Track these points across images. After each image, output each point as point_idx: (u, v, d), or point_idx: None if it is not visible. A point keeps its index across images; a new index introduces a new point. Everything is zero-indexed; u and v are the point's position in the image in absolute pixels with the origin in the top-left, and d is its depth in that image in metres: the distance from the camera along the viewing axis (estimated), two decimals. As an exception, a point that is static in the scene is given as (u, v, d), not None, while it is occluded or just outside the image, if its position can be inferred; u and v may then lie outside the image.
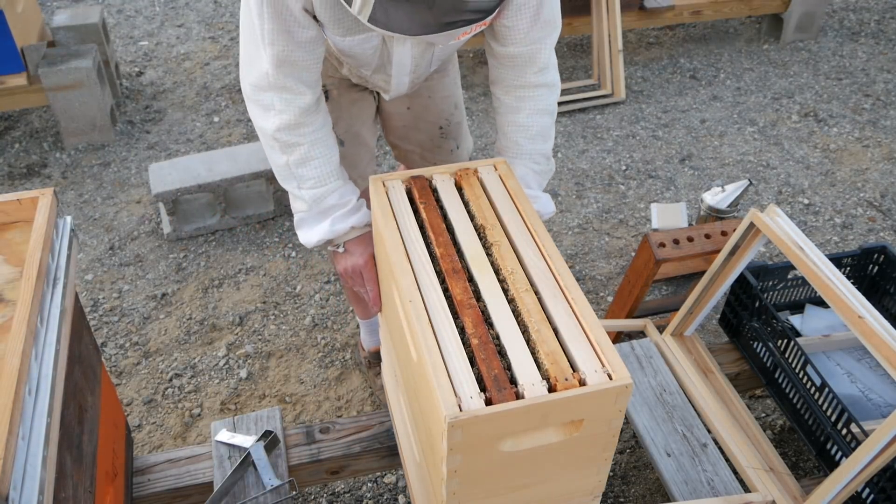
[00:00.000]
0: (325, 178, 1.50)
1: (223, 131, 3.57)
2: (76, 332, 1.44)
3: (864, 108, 3.77)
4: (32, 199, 1.43)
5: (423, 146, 1.95)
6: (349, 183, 1.56)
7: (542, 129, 1.58)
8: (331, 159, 1.51)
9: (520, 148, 1.57)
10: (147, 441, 2.21)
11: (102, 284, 2.74)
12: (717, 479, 1.72)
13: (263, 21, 1.35)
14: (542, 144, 1.58)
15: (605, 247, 2.92)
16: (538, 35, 1.47)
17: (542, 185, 1.61)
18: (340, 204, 1.53)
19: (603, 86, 3.83)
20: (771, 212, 1.70)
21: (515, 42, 1.47)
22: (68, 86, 3.26)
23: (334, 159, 1.52)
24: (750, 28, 4.48)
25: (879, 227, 3.02)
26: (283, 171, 1.51)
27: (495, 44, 1.51)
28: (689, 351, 2.01)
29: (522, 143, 1.57)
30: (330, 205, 1.52)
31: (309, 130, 1.47)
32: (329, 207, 1.52)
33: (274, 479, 1.65)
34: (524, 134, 1.57)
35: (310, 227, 1.55)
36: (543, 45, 1.50)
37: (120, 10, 4.67)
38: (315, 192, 1.50)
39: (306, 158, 1.48)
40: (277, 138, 1.46)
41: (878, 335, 1.43)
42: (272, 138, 1.47)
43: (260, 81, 1.43)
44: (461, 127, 1.97)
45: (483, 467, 1.11)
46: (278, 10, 1.34)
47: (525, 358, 1.10)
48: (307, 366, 2.43)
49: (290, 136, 1.46)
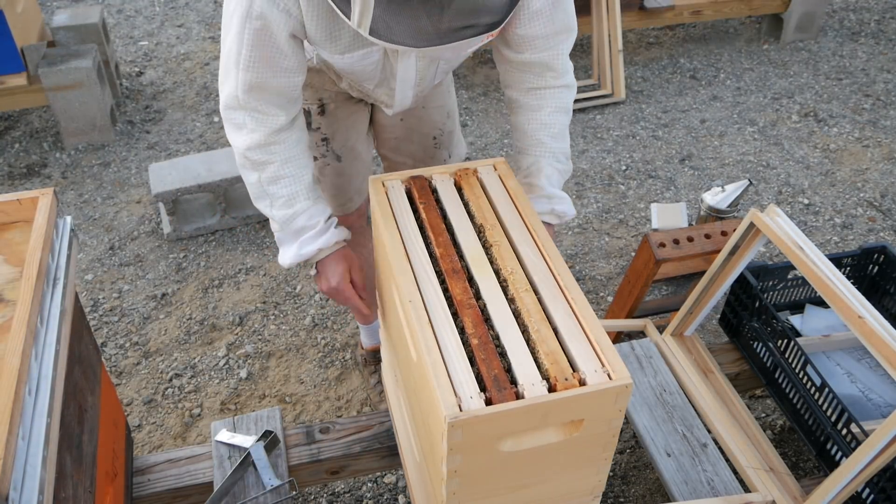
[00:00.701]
0: (294, 198, 1.46)
1: (223, 131, 3.57)
2: (76, 332, 1.44)
3: (864, 108, 3.77)
4: (32, 199, 1.43)
5: (415, 157, 1.92)
6: (320, 202, 1.51)
7: (563, 127, 1.55)
8: (302, 178, 1.47)
9: (545, 147, 1.53)
10: (147, 441, 2.21)
11: (102, 284, 2.74)
12: (717, 479, 1.72)
13: (242, 45, 1.30)
14: (563, 143, 1.55)
15: (605, 247, 2.92)
16: (554, 41, 1.44)
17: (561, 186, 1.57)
18: (310, 226, 1.49)
19: (603, 86, 3.83)
20: (771, 212, 1.70)
21: (531, 49, 1.44)
22: (68, 86, 3.26)
23: (306, 178, 1.48)
24: (750, 28, 4.48)
25: (879, 227, 3.02)
26: (256, 188, 1.47)
27: (509, 51, 1.47)
28: (689, 351, 2.01)
29: (547, 142, 1.52)
30: (300, 226, 1.48)
31: (280, 148, 1.43)
32: (299, 229, 1.49)
33: (274, 479, 1.65)
34: (547, 132, 1.52)
35: (283, 248, 1.53)
36: (559, 50, 1.46)
37: (120, 10, 4.68)
38: (285, 213, 1.47)
39: (277, 177, 1.44)
40: (248, 157, 1.43)
41: (878, 335, 1.43)
42: (243, 156, 1.44)
43: (229, 102, 1.39)
44: (454, 135, 1.94)
45: (483, 467, 1.11)
46: (262, 38, 1.29)
47: (525, 358, 1.10)
48: (307, 366, 2.43)
49: (260, 155, 1.43)
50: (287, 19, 1.27)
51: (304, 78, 1.42)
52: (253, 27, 1.27)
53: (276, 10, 1.26)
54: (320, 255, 1.52)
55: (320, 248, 1.49)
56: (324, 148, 1.76)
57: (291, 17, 1.28)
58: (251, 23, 1.27)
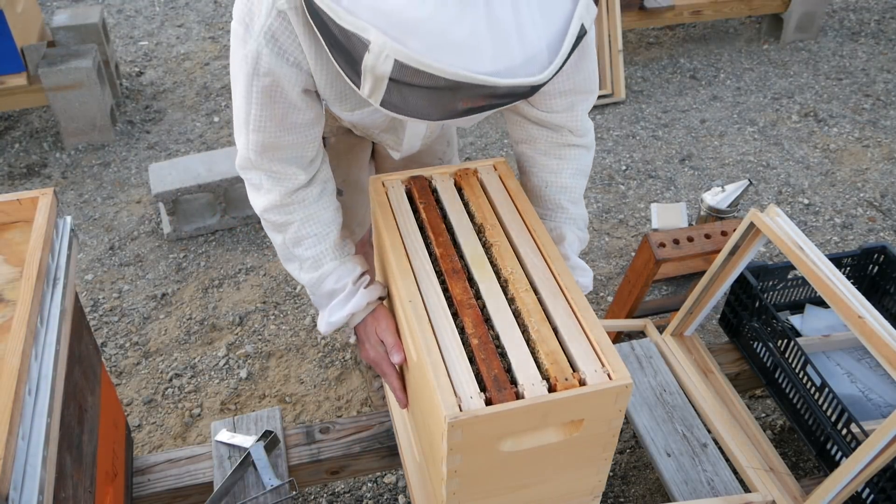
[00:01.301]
0: (320, 259, 1.38)
1: (223, 131, 3.57)
2: (76, 332, 1.44)
3: (864, 108, 3.77)
4: (32, 199, 1.43)
5: None
6: (348, 261, 1.40)
7: (582, 191, 1.44)
8: (327, 236, 1.38)
9: (566, 212, 1.43)
10: (147, 441, 2.21)
11: (102, 284, 2.74)
12: (717, 479, 1.72)
13: (251, 105, 1.21)
14: (583, 209, 1.46)
15: (605, 247, 2.92)
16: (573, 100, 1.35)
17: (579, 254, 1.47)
18: (338, 289, 1.38)
19: (603, 86, 3.83)
20: (771, 212, 1.70)
21: (549, 108, 1.36)
22: (68, 86, 3.26)
23: (332, 236, 1.38)
24: (750, 28, 4.48)
25: (879, 227, 3.02)
26: (283, 250, 1.40)
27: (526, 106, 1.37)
28: (689, 351, 2.01)
29: (569, 207, 1.42)
30: (329, 290, 1.38)
31: (299, 208, 1.34)
32: (328, 293, 1.39)
33: (274, 479, 1.65)
34: (568, 196, 1.42)
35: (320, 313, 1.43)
36: (578, 110, 1.37)
37: (120, 10, 4.68)
38: (312, 276, 1.38)
39: (300, 238, 1.36)
40: (267, 218, 1.36)
41: (878, 335, 1.43)
42: (263, 218, 1.37)
43: (243, 163, 1.33)
44: (452, 161, 1.88)
45: (483, 467, 1.11)
46: (271, 96, 1.19)
47: (525, 358, 1.10)
48: (307, 366, 2.43)
49: (279, 216, 1.34)
50: (298, 73, 1.17)
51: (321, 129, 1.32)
52: (261, 85, 1.18)
53: (286, 65, 1.15)
54: (355, 321, 1.39)
55: (351, 313, 1.37)
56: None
57: (302, 70, 1.17)
58: (259, 80, 1.17)
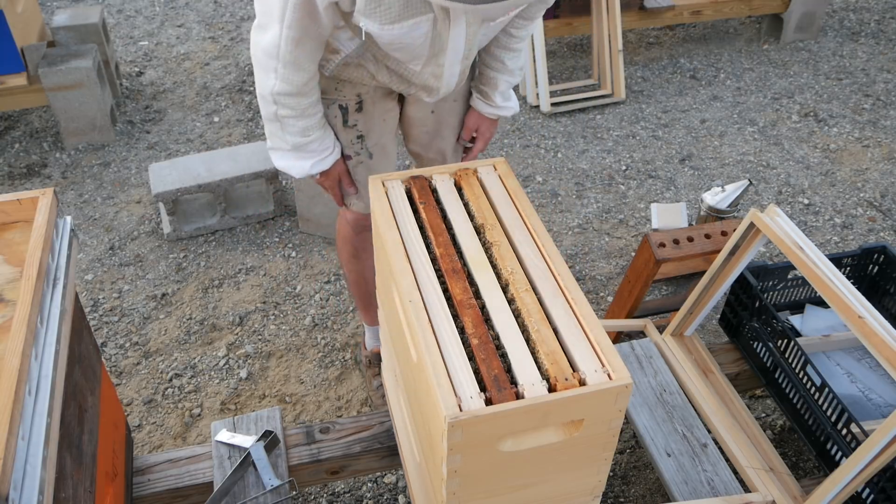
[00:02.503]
0: (309, 130, 1.67)
1: (223, 131, 3.57)
2: (76, 332, 1.44)
3: (864, 108, 3.77)
4: (32, 199, 1.43)
5: (444, 154, 1.96)
6: (328, 131, 1.73)
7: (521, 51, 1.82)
8: (315, 117, 1.67)
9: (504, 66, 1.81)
10: (147, 441, 2.21)
11: (102, 284, 2.74)
12: (717, 479, 1.72)
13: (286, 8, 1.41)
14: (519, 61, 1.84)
15: (605, 247, 2.92)
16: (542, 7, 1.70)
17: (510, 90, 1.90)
18: (320, 150, 1.72)
19: (603, 86, 3.83)
20: (771, 212, 1.70)
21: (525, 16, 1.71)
22: (68, 86, 3.26)
23: (318, 116, 1.68)
24: (750, 28, 4.48)
25: (879, 227, 3.02)
26: (271, 116, 1.65)
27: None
28: (689, 351, 2.01)
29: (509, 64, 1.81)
30: (311, 150, 1.71)
31: (305, 101, 1.61)
32: (310, 152, 1.72)
33: (274, 479, 1.65)
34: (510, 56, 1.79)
35: (290, 160, 1.73)
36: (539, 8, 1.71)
37: (120, 10, 4.68)
38: (298, 140, 1.68)
39: (294, 116, 1.63)
40: (276, 99, 1.59)
41: (878, 335, 1.43)
42: (269, 95, 1.59)
43: (270, 50, 1.50)
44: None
45: (483, 467, 1.11)
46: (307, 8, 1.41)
47: (525, 358, 1.10)
48: (307, 366, 2.43)
49: (286, 101, 1.60)
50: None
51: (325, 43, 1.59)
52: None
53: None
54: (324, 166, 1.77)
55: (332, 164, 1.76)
56: (358, 146, 1.82)
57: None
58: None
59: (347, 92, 1.73)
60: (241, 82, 3.92)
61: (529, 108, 3.75)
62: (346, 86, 1.72)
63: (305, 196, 2.85)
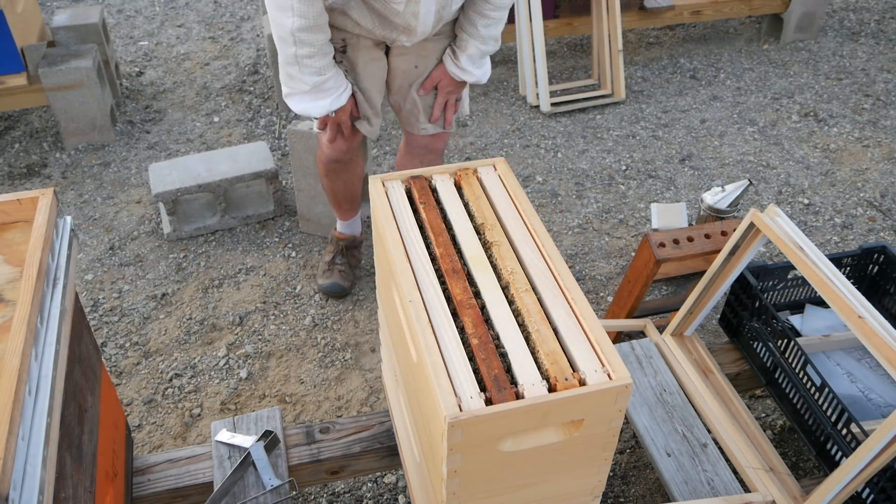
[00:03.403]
0: (325, 69, 1.88)
1: (223, 131, 3.57)
2: (76, 332, 1.44)
3: (864, 108, 3.77)
4: (32, 199, 1.42)
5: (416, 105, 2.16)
6: (339, 70, 1.96)
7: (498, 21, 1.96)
8: (329, 55, 1.89)
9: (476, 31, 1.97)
10: (147, 441, 2.21)
11: (102, 284, 2.74)
12: (717, 479, 1.72)
13: None
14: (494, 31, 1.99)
15: (605, 247, 2.92)
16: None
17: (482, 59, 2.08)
18: (336, 87, 1.95)
19: (603, 86, 3.83)
20: (771, 212, 1.70)
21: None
22: (68, 86, 3.26)
23: (331, 55, 1.90)
24: (750, 28, 4.49)
25: (879, 227, 3.02)
26: (290, 59, 1.84)
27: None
28: (689, 351, 2.01)
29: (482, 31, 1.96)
30: (328, 88, 1.93)
31: (321, 37, 1.82)
32: (328, 89, 1.93)
33: (274, 479, 1.65)
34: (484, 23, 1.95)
35: (309, 101, 1.94)
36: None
37: (120, 10, 4.68)
38: (316, 80, 1.89)
39: (313, 55, 1.83)
40: (296, 36, 1.77)
41: (878, 335, 1.43)
42: (290, 34, 1.77)
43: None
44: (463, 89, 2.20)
45: (483, 467, 1.11)
46: None
47: (525, 358, 1.10)
48: (307, 366, 2.43)
49: (307, 36, 1.78)
50: None
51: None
52: None
53: None
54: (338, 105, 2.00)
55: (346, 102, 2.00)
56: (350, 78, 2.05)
57: None
58: None
59: (334, 36, 1.94)
60: (240, 82, 3.92)
61: (529, 108, 3.75)
62: (332, 31, 1.92)
63: (305, 196, 2.85)
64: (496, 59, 4.07)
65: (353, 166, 2.39)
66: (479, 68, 2.07)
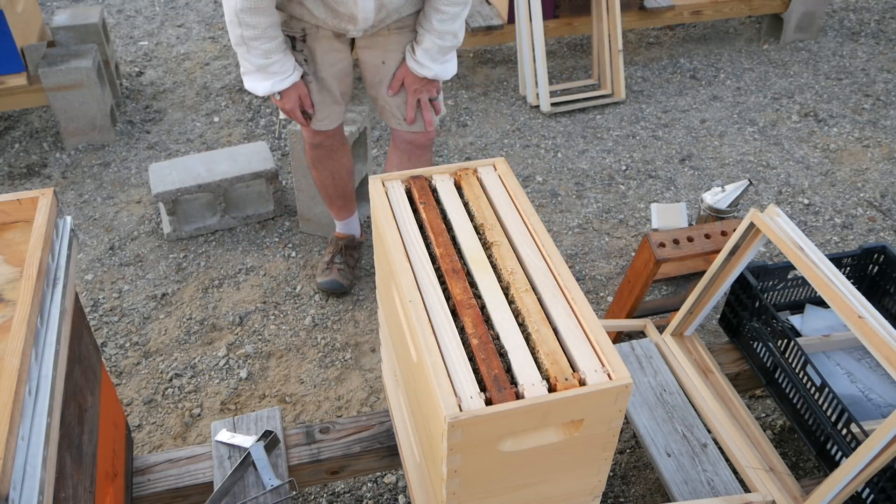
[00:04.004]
0: (271, 52, 1.95)
1: (223, 131, 3.57)
2: (76, 332, 1.44)
3: (864, 108, 3.77)
4: (32, 199, 1.42)
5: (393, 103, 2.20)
6: (288, 55, 2.02)
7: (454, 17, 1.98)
8: (275, 39, 1.94)
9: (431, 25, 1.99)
10: (147, 441, 2.21)
11: (102, 284, 2.74)
12: (717, 479, 1.72)
13: None
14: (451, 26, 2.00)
15: (605, 247, 2.92)
16: None
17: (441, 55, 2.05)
18: (281, 72, 2.01)
19: (603, 86, 3.83)
20: (771, 212, 1.70)
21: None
22: (68, 86, 3.26)
23: (278, 39, 1.96)
24: (750, 28, 4.49)
25: (879, 227, 3.02)
26: (238, 39, 1.92)
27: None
28: (689, 351, 2.01)
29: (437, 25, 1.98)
30: (273, 71, 2.00)
31: (265, 20, 1.88)
32: (272, 73, 2.00)
33: (274, 479, 1.65)
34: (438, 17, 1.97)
35: (255, 81, 2.02)
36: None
37: (120, 10, 4.68)
38: (261, 62, 1.97)
39: (258, 36, 1.90)
40: (240, 17, 1.86)
41: (878, 335, 1.43)
42: (235, 15, 1.86)
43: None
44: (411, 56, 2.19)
45: (483, 467, 1.11)
46: None
47: (525, 358, 1.10)
48: (307, 366, 2.43)
49: (250, 18, 1.86)
50: None
51: None
52: None
53: None
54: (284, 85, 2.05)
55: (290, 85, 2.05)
56: (307, 67, 2.13)
57: None
58: None
59: (294, 25, 2.04)
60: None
61: (529, 108, 3.75)
62: (292, 20, 2.03)
63: (305, 196, 2.85)
64: (496, 59, 4.07)
65: (338, 155, 2.41)
66: (438, 64, 2.07)
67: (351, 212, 2.66)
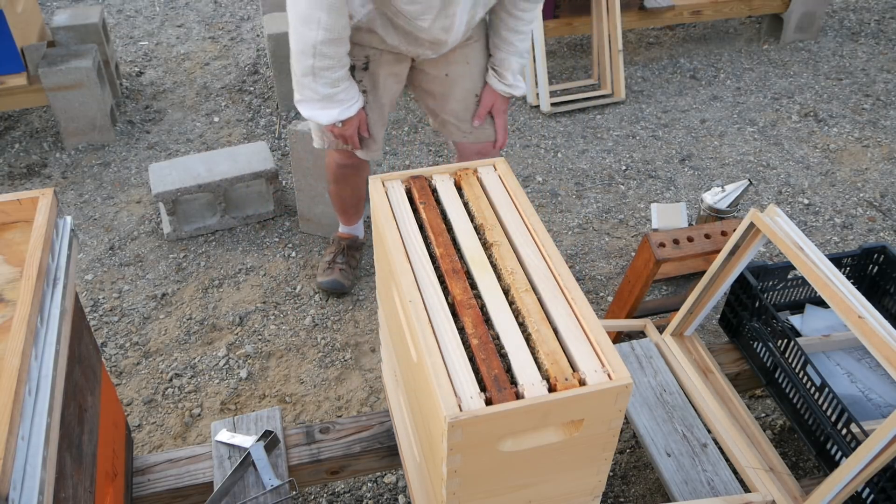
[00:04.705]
0: (340, 80, 1.89)
1: (223, 131, 3.57)
2: (76, 332, 1.44)
3: (864, 108, 3.77)
4: (32, 199, 1.42)
5: (458, 116, 2.17)
6: (353, 82, 1.97)
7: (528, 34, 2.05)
8: (346, 67, 1.90)
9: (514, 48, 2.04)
10: (147, 441, 2.21)
11: (102, 284, 2.74)
12: (717, 479, 1.72)
13: None
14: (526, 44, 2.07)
15: (605, 247, 2.92)
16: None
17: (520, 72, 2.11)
18: (347, 99, 1.95)
19: (603, 86, 3.83)
20: (771, 212, 1.70)
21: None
22: (68, 86, 3.26)
23: (347, 67, 1.90)
24: (750, 28, 4.48)
25: (879, 227, 3.02)
26: (306, 69, 1.84)
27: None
28: (689, 351, 2.01)
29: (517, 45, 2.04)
30: (339, 99, 1.94)
31: (343, 49, 1.83)
32: (339, 101, 1.94)
33: (274, 479, 1.65)
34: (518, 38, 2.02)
35: (318, 109, 1.95)
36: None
37: (120, 10, 4.68)
38: (328, 91, 1.90)
39: (331, 66, 1.84)
40: (317, 49, 1.78)
41: (878, 335, 1.43)
42: (311, 47, 1.78)
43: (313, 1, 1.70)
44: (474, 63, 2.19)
45: (483, 467, 1.11)
46: None
47: (525, 358, 1.10)
48: (307, 366, 2.43)
49: (329, 49, 1.79)
50: None
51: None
52: None
53: None
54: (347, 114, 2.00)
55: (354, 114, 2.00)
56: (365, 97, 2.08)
57: None
58: None
59: (356, 53, 1.98)
60: (240, 82, 3.92)
61: (529, 108, 3.75)
62: (355, 48, 1.96)
63: (305, 196, 2.85)
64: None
65: (362, 172, 2.40)
66: (520, 81, 2.14)
67: (360, 217, 2.69)
